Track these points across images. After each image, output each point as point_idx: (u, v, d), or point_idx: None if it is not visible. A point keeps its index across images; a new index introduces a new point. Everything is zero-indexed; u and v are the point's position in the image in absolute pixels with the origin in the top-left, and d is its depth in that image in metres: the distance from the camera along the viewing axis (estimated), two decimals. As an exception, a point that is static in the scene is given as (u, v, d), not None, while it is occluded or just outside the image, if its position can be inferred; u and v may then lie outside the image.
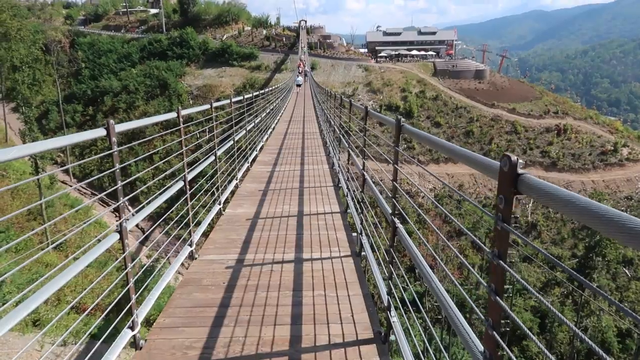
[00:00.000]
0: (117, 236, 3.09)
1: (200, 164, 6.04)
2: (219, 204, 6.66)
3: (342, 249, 5.21)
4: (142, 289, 3.88)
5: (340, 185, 7.92)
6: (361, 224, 5.11)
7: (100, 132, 2.90)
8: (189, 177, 5.02)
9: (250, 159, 10.00)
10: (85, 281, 17.39)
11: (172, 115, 4.55)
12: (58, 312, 11.60)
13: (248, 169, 9.61)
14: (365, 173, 5.12)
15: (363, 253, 4.83)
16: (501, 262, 1.56)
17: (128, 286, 3.20)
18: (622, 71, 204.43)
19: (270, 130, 15.82)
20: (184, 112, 4.73)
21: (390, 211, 3.44)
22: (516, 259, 38.52)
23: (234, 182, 8.04)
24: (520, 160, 1.47)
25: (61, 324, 9.80)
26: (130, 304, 3.25)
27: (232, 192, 7.47)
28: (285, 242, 5.39)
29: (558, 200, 1.25)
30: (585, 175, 50.44)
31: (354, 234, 5.57)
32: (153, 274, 4.75)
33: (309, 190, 7.91)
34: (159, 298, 3.94)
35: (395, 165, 3.35)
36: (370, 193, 4.79)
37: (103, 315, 3.14)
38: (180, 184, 4.80)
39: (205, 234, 6.01)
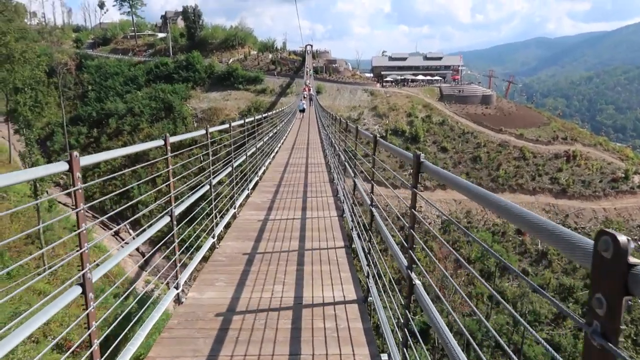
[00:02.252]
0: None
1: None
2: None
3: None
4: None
5: (354, 246, 5.94)
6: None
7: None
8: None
9: (237, 203, 7.92)
10: (78, 311, 16.49)
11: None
12: (40, 350, 10.70)
13: (235, 216, 7.68)
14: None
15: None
16: (413, 210, 1.39)
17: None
18: (627, 98, 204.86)
19: (268, 161, 13.85)
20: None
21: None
22: (527, 289, 37.31)
23: (210, 241, 6.03)
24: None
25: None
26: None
27: (206, 258, 5.93)
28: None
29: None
30: (596, 202, 49.34)
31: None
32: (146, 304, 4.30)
33: (311, 254, 5.72)
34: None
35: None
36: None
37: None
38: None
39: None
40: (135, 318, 3.45)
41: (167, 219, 4.32)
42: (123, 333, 3.59)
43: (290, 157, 16.44)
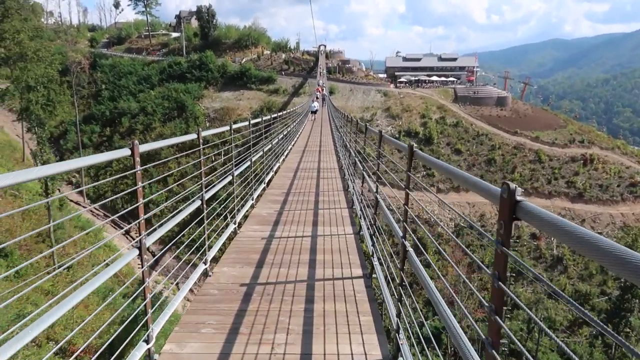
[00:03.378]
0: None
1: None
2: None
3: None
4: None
5: (375, 276, 5.16)
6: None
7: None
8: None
9: (238, 217, 6.96)
10: (84, 314, 16.26)
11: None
12: (41, 355, 10.44)
13: (235, 231, 6.77)
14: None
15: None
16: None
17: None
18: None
19: (277, 165, 12.98)
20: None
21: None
22: (542, 295, 36.49)
23: (202, 268, 5.26)
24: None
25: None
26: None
27: (192, 290, 6.10)
28: None
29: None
30: (613, 207, 48.20)
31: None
32: (164, 295, 4.67)
33: (323, 287, 4.90)
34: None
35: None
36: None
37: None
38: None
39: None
40: (143, 321, 3.39)
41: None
42: (131, 336, 3.56)
43: (301, 160, 15.39)
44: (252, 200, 8.39)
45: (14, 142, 49.91)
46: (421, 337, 3.25)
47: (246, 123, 8.82)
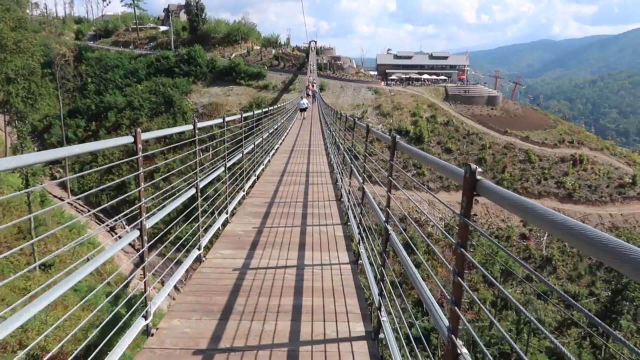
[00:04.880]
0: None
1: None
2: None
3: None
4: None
5: (382, 336, 3.80)
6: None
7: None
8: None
9: (204, 241, 5.53)
10: (63, 315, 15.56)
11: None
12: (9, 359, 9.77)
13: (200, 259, 5.33)
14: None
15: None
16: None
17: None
18: (631, 102, 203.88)
19: (260, 169, 11.37)
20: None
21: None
22: (532, 297, 36.38)
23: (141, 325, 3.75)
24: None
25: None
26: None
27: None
28: None
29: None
30: (602, 208, 48.33)
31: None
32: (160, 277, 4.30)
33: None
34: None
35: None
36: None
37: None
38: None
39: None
40: (120, 323, 3.41)
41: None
42: (107, 338, 3.52)
43: (288, 162, 13.89)
44: (227, 214, 6.94)
45: (-5, 135, 48.63)
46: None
47: (237, 116, 8.28)
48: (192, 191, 5.22)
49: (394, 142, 3.64)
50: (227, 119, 7.05)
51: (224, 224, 6.83)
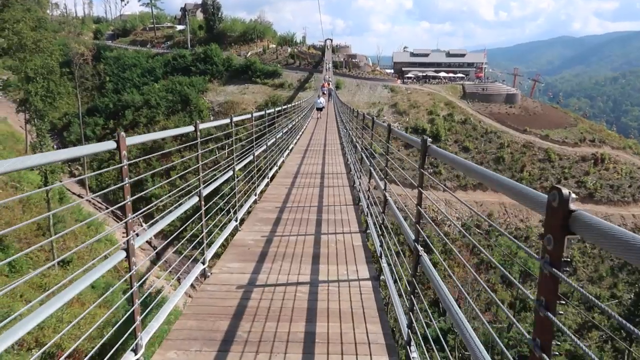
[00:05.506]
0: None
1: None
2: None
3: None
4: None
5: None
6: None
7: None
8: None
9: (209, 254, 5.05)
10: (81, 312, 15.59)
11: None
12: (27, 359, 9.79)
13: (204, 275, 4.88)
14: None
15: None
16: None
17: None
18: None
19: (274, 170, 10.86)
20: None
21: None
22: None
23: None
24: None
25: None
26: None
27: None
28: None
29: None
30: (624, 208, 47.20)
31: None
32: (157, 298, 4.27)
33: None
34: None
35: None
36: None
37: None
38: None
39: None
40: (140, 317, 3.22)
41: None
42: (125, 336, 3.30)
43: (302, 163, 13.32)
44: (236, 221, 6.43)
45: (17, 133, 49.39)
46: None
47: (247, 116, 7.84)
48: (195, 200, 4.75)
49: (425, 146, 3.05)
50: (235, 119, 6.43)
51: (233, 233, 6.33)
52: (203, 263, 4.81)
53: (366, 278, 4.76)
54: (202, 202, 4.80)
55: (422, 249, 3.09)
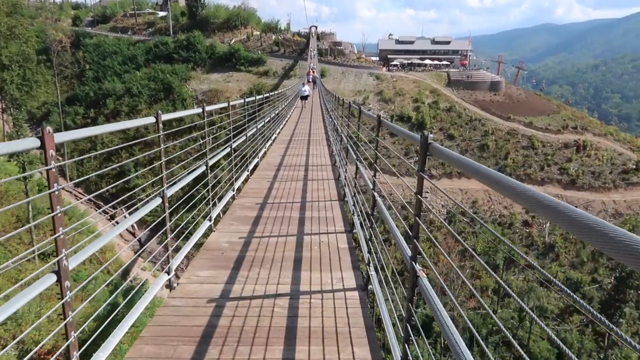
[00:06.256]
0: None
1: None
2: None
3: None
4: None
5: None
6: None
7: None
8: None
9: (175, 263, 4.42)
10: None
11: (149, 120, 3.90)
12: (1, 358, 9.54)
13: (170, 285, 4.31)
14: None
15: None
16: (419, 196, 2.42)
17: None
18: (634, 86, 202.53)
19: (255, 162, 10.34)
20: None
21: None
22: (534, 284, 36.21)
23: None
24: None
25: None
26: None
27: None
28: None
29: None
30: (605, 194, 47.99)
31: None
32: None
33: None
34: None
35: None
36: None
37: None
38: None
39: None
40: (117, 310, 3.14)
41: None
42: (102, 326, 3.18)
43: (285, 154, 12.85)
44: (210, 221, 5.87)
45: (-7, 123, 48.21)
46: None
47: (223, 105, 7.48)
48: (157, 202, 4.11)
49: (426, 145, 2.50)
50: (208, 108, 5.88)
51: (207, 234, 5.82)
52: (168, 273, 4.18)
53: (352, 287, 4.30)
54: (166, 204, 4.17)
55: (420, 268, 2.61)
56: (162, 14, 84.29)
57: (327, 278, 4.48)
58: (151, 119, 3.91)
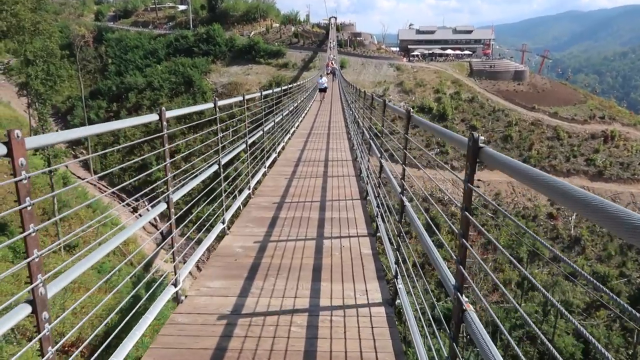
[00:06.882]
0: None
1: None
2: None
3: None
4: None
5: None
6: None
7: (152, 117, 3.42)
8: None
9: (182, 275, 4.09)
10: (84, 299, 15.46)
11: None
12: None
13: (177, 298, 3.99)
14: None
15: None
16: (467, 213, 2.00)
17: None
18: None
19: (273, 157, 10.04)
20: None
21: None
22: (559, 278, 35.48)
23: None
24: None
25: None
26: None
27: None
28: None
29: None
30: (634, 186, 46.54)
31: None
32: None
33: None
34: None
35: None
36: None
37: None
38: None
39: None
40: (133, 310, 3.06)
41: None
42: (116, 330, 2.93)
43: (304, 148, 12.39)
44: (223, 224, 5.51)
45: (21, 117, 49.11)
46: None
47: (238, 99, 7.01)
48: (162, 207, 3.81)
49: (476, 149, 1.96)
50: (220, 103, 5.46)
51: (220, 236, 5.49)
52: (175, 285, 3.80)
53: (378, 302, 3.86)
54: (172, 210, 3.80)
55: (466, 300, 2.10)
56: (182, 7, 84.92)
57: (349, 290, 4.07)
58: (154, 116, 3.53)
